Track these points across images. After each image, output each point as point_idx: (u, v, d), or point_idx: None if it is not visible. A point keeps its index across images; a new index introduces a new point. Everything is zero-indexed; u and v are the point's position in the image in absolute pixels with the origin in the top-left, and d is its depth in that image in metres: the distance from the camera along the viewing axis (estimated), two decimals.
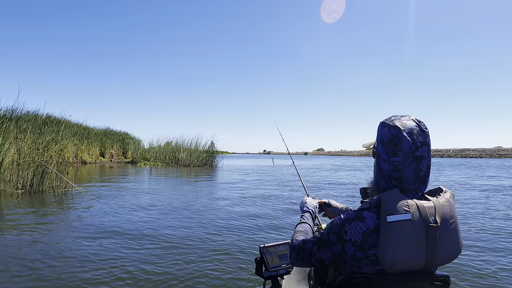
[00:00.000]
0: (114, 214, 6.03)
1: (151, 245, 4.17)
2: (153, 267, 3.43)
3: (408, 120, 1.26)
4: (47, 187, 8.61)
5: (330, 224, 1.28)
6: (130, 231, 4.82)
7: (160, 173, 17.81)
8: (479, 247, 4.26)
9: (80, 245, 4.11)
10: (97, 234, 4.64)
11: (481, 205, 7.59)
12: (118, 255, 3.77)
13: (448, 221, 1.16)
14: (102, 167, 22.62)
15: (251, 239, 4.61)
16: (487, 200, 8.31)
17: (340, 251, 1.23)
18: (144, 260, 3.64)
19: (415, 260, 1.12)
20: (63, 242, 4.24)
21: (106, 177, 14.05)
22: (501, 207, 7.34)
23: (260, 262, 1.57)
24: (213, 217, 6.06)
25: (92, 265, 3.45)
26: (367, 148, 1.51)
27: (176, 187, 10.83)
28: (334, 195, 9.45)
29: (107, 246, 4.11)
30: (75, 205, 6.89)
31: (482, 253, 4.03)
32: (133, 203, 7.25)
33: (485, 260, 3.81)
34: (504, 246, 4.35)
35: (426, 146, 1.23)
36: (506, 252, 4.09)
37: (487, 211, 6.78)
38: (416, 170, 1.21)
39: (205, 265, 3.56)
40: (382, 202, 1.15)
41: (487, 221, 5.81)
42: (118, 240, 4.38)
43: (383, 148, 1.27)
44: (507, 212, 6.68)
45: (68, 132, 22.99)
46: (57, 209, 6.39)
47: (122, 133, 32.61)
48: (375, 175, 1.34)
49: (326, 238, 1.27)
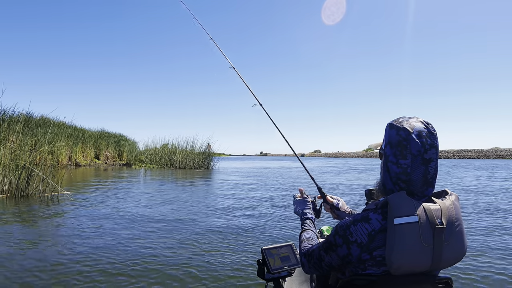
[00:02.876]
0: (98, 222, 5.61)
1: (140, 251, 3.79)
2: (147, 270, 3.06)
3: (416, 122, 1.24)
4: (33, 191, 8.19)
5: (336, 227, 1.28)
6: (114, 242, 4.42)
7: (155, 175, 17.44)
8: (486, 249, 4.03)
9: (54, 259, 3.71)
10: (75, 246, 4.22)
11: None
12: (95, 266, 3.37)
13: (453, 223, 1.16)
14: (97, 169, 22.27)
15: (250, 241, 4.54)
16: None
17: (346, 254, 1.21)
18: (134, 266, 3.27)
19: (422, 262, 1.13)
20: (35, 253, 3.84)
21: (98, 180, 13.63)
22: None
23: (262, 264, 1.55)
24: (211, 219, 5.89)
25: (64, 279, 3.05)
26: (373, 149, 1.47)
27: (171, 190, 10.44)
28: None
29: (83, 260, 3.71)
30: (58, 211, 6.48)
31: (485, 255, 3.93)
32: (121, 209, 6.85)
33: (487, 262, 3.74)
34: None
35: (434, 149, 1.21)
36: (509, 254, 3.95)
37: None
38: (424, 172, 1.20)
39: (206, 266, 3.56)
40: (389, 204, 1.14)
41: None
42: (95, 252, 3.98)
43: (391, 150, 1.24)
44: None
45: (62, 134, 22.62)
46: (36, 216, 5.98)
47: (117, 135, 32.26)
48: (381, 176, 1.32)
49: (332, 241, 1.26)
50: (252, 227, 5.39)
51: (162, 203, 7.68)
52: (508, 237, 4.82)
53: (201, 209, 6.97)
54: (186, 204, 7.61)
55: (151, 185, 11.83)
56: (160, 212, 6.57)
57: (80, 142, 25.89)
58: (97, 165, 26.58)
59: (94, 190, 9.98)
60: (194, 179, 15.54)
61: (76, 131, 26.21)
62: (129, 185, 11.43)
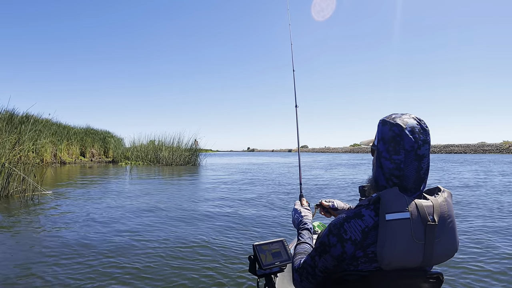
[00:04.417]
0: (78, 224, 5.50)
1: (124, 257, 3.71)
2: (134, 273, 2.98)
3: (409, 118, 1.24)
4: (13, 191, 7.99)
5: (329, 226, 1.26)
6: (97, 245, 4.32)
7: (141, 172, 17.27)
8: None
9: (23, 262, 3.60)
10: (51, 250, 4.11)
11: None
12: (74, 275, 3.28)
13: (445, 220, 1.17)
14: (82, 167, 21.95)
15: (239, 237, 4.58)
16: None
17: (340, 253, 1.20)
18: (112, 269, 3.19)
19: (413, 258, 1.13)
20: (9, 259, 3.73)
21: (83, 178, 13.41)
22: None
23: (254, 260, 1.56)
24: (200, 216, 5.91)
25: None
26: (365, 145, 1.47)
27: (157, 188, 10.33)
28: (331, 196, 9.10)
29: (62, 264, 3.61)
30: (36, 212, 6.34)
31: (477, 251, 3.92)
32: (103, 209, 6.74)
33: (478, 258, 3.78)
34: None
35: (427, 145, 1.23)
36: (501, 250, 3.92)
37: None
38: (417, 168, 1.21)
39: (197, 263, 3.61)
40: (381, 200, 1.14)
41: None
42: (75, 256, 3.88)
43: (384, 146, 1.25)
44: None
45: (47, 131, 22.15)
46: (12, 218, 5.83)
47: (103, 131, 31.79)
48: (374, 172, 1.33)
49: (326, 242, 1.24)
50: (240, 223, 5.42)
51: (147, 203, 7.57)
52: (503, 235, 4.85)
53: (187, 207, 6.90)
54: (173, 202, 7.53)
55: (137, 184, 11.67)
56: (145, 212, 6.47)
57: (65, 139, 25.45)
58: (83, 163, 26.19)
59: (77, 189, 9.80)
60: (181, 176, 15.43)
61: (61, 128, 25.74)
62: (113, 185, 11.26)
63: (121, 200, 7.88)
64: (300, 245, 1.50)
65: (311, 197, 8.47)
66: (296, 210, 1.74)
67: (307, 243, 1.51)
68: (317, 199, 1.99)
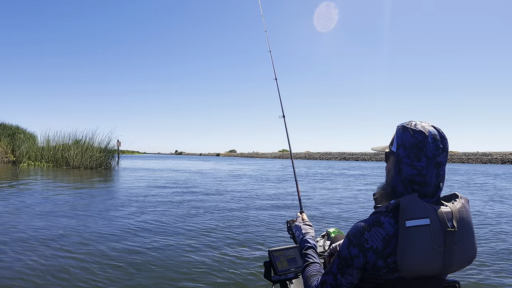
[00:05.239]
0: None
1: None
2: None
3: (429, 126, 1.24)
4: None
5: (347, 237, 1.22)
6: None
7: (29, 176, 15.35)
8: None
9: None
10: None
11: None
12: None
13: (464, 226, 1.16)
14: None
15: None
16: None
17: (364, 263, 1.16)
18: None
19: (433, 265, 1.12)
20: None
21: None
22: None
23: (269, 266, 1.52)
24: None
25: None
26: (379, 151, 1.43)
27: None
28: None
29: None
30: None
31: (493, 259, 3.93)
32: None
33: (495, 266, 3.72)
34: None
35: (445, 153, 1.23)
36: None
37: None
38: (436, 175, 1.20)
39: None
40: (401, 206, 1.12)
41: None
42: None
43: (405, 152, 1.23)
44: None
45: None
46: None
47: (12, 126, 28.24)
48: (390, 179, 1.29)
49: (347, 255, 1.19)
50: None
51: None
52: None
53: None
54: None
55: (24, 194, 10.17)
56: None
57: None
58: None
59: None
60: (81, 181, 13.94)
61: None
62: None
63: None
64: (310, 266, 1.44)
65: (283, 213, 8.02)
66: (297, 227, 1.69)
67: (316, 263, 1.46)
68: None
